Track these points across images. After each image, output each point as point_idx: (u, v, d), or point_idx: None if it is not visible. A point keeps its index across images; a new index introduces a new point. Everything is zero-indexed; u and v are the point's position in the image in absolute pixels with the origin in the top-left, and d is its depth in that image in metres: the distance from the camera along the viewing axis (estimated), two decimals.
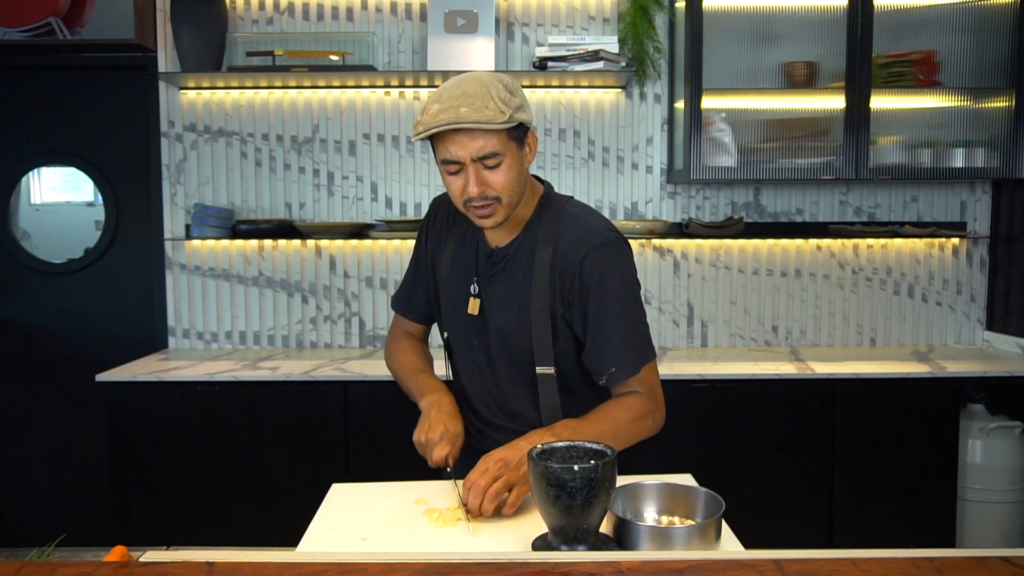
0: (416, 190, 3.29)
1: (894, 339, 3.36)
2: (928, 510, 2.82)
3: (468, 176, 1.45)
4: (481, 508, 1.36)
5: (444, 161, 1.47)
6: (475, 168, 1.44)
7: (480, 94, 1.42)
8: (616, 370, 1.53)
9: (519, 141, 1.49)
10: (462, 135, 1.42)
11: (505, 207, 1.49)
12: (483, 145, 1.43)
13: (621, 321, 1.52)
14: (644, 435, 1.55)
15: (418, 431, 1.54)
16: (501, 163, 1.45)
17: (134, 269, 3.39)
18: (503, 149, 1.44)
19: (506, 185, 1.46)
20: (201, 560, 0.91)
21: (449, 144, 1.44)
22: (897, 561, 0.91)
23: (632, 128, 3.27)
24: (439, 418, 1.54)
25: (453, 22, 3.06)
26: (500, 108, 1.41)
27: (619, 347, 1.52)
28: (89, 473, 3.40)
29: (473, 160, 1.44)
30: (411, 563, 0.91)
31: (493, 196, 1.46)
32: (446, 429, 1.52)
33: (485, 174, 1.45)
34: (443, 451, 1.49)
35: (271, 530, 2.72)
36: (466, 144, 1.42)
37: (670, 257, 3.31)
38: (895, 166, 3.00)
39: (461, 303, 1.62)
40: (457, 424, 1.55)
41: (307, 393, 2.80)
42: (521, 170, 1.50)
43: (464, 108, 1.40)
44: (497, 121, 1.40)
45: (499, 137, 1.44)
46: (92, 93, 3.36)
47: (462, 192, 1.47)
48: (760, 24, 3.05)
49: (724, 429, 2.80)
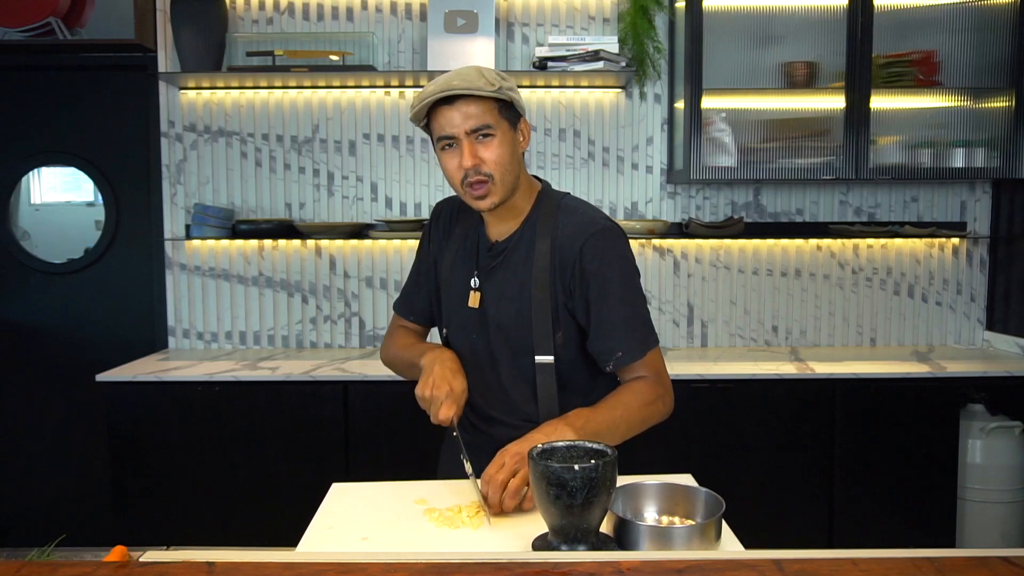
0: (416, 190, 3.29)
1: (894, 339, 3.36)
2: (928, 510, 2.82)
3: (462, 150, 1.50)
4: (503, 504, 1.36)
5: (439, 139, 1.52)
6: (468, 142, 1.50)
7: (470, 73, 1.49)
8: (622, 354, 1.54)
9: (511, 122, 1.54)
10: (454, 110, 1.48)
11: (499, 186, 1.52)
12: (475, 116, 1.48)
13: (624, 306, 1.54)
14: (656, 419, 1.57)
15: (421, 385, 1.54)
16: (493, 137, 1.50)
17: (134, 269, 3.39)
18: (495, 124, 1.50)
19: (498, 161, 1.51)
20: (201, 560, 0.91)
21: (442, 120, 1.50)
22: (897, 561, 0.91)
23: (632, 128, 3.27)
24: (443, 375, 1.54)
25: (453, 22, 3.06)
26: (489, 80, 1.48)
27: (623, 331, 1.54)
28: (89, 473, 3.40)
29: (467, 133, 1.49)
30: (411, 563, 0.91)
31: (486, 172, 1.50)
32: (451, 388, 1.52)
33: (478, 147, 1.50)
34: (449, 411, 1.50)
35: (271, 530, 2.72)
36: (458, 117, 1.48)
37: (670, 257, 3.31)
38: (895, 166, 3.00)
39: (462, 297, 1.63)
40: (461, 381, 1.56)
41: (307, 393, 2.80)
42: (514, 151, 1.55)
43: (456, 81, 1.47)
44: (486, 89, 1.46)
45: (490, 112, 1.49)
46: (92, 93, 3.36)
47: (458, 168, 1.51)
48: (760, 24, 3.05)
49: (724, 429, 2.80)
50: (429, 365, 1.57)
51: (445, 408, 1.50)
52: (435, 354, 1.60)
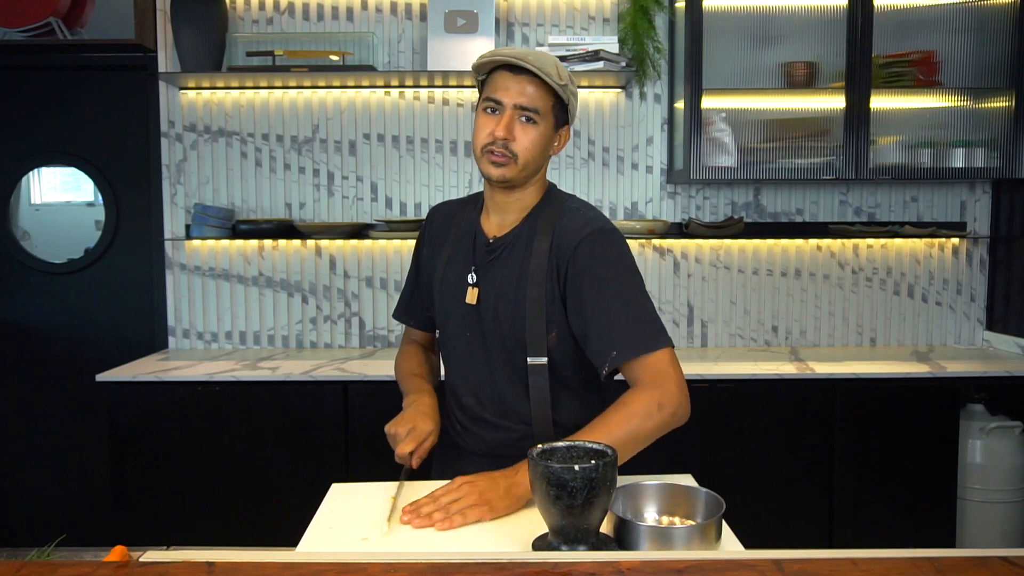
0: (416, 190, 3.29)
1: (894, 339, 3.36)
2: (928, 510, 2.82)
3: (503, 119, 1.50)
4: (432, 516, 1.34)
5: (487, 99, 1.53)
6: (512, 115, 1.51)
7: (547, 59, 1.51)
8: (617, 354, 1.46)
9: (558, 121, 1.56)
10: (515, 80, 1.50)
11: (519, 168, 1.53)
12: (530, 96, 1.50)
13: (620, 304, 1.49)
14: (657, 431, 1.45)
15: (390, 423, 1.59)
16: (537, 125, 1.52)
17: (134, 269, 3.39)
18: (543, 113, 1.52)
19: (529, 148, 1.52)
20: (201, 560, 0.91)
21: (499, 83, 1.51)
22: (897, 561, 0.91)
23: (632, 128, 3.27)
24: (411, 415, 1.58)
25: (453, 22, 3.06)
26: (560, 73, 1.51)
27: (619, 329, 1.47)
28: (89, 473, 3.40)
29: (515, 107, 1.50)
30: (411, 563, 0.91)
31: (512, 151, 1.51)
32: (415, 427, 1.55)
33: (517, 126, 1.51)
34: (406, 448, 1.53)
35: (271, 530, 2.72)
36: (518, 88, 1.49)
37: (670, 257, 3.31)
38: (895, 166, 3.00)
39: (459, 294, 1.63)
40: (427, 423, 1.58)
41: (307, 393, 2.80)
42: (546, 147, 1.56)
43: (531, 57, 1.49)
44: (555, 79, 1.49)
45: (545, 100, 1.51)
46: (92, 93, 3.36)
47: (489, 133, 1.52)
48: (760, 24, 3.05)
49: (724, 429, 2.80)
50: (405, 407, 1.63)
51: (403, 445, 1.53)
52: (413, 397, 1.65)
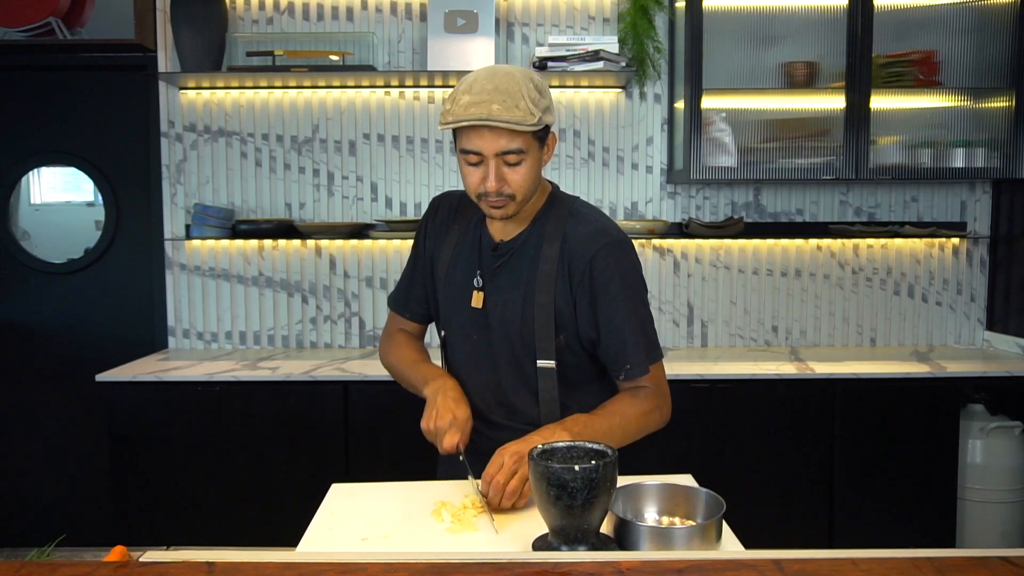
0: (416, 190, 3.29)
1: (894, 339, 3.36)
2: (928, 510, 2.82)
3: (488, 169, 1.47)
4: (501, 503, 1.38)
5: (465, 151, 1.48)
6: (496, 163, 1.47)
7: (512, 91, 1.43)
8: (631, 367, 1.55)
9: (541, 141, 1.52)
10: (489, 131, 1.44)
11: (518, 203, 1.52)
12: (508, 143, 1.45)
13: (634, 319, 1.56)
14: (652, 428, 1.60)
15: (425, 419, 1.54)
16: (523, 161, 1.48)
17: (134, 269, 3.39)
18: (527, 148, 1.47)
19: (523, 183, 1.50)
20: (201, 560, 0.91)
21: (475, 137, 1.45)
22: (897, 561, 0.91)
23: (632, 128, 3.27)
24: (446, 405, 1.53)
25: (453, 22, 3.06)
26: (531, 109, 1.44)
27: (633, 344, 1.55)
28: (89, 473, 3.40)
29: (496, 155, 1.46)
30: (411, 563, 0.91)
31: (508, 193, 1.49)
32: (454, 417, 1.52)
33: (505, 171, 1.48)
34: (453, 439, 1.50)
35: (271, 530, 2.72)
36: (492, 140, 1.44)
37: (670, 257, 3.31)
38: (895, 166, 3.00)
39: (464, 297, 1.62)
40: (464, 409, 1.55)
41: (307, 393, 2.80)
42: (539, 169, 1.54)
43: (496, 105, 1.41)
44: (527, 123, 1.43)
45: (525, 137, 1.46)
46: (92, 93, 3.36)
47: (479, 185, 1.49)
48: (760, 24, 3.05)
49: (724, 429, 2.80)
50: (432, 397, 1.57)
51: (449, 437, 1.50)
52: (438, 384, 1.59)
